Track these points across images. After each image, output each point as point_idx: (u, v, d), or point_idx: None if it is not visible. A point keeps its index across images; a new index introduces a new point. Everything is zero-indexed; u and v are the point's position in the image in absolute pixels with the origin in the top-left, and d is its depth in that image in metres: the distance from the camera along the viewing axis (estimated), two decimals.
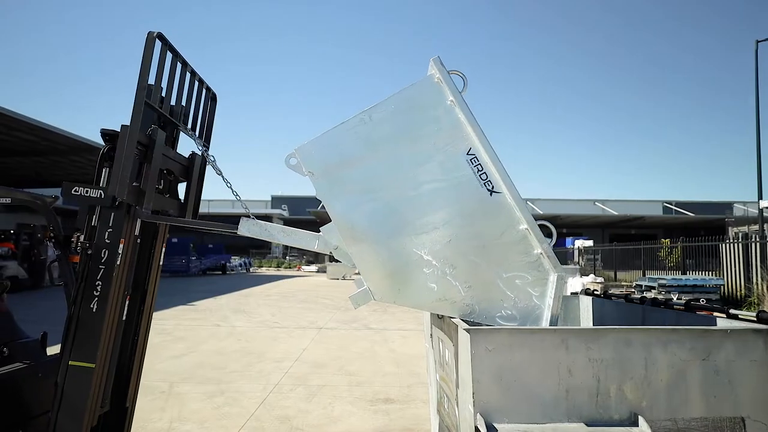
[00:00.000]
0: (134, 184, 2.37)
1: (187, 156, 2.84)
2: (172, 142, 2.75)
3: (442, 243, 2.30)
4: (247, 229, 2.44)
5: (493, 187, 2.29)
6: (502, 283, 2.28)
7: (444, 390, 2.57)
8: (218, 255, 29.85)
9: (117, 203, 2.28)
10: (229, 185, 2.67)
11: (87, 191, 2.25)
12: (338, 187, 2.35)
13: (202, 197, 2.96)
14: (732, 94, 75.99)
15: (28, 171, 21.41)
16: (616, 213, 38.85)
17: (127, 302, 2.54)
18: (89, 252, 2.30)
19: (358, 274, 2.41)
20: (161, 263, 2.83)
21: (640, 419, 1.87)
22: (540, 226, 2.33)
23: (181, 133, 2.81)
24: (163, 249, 2.84)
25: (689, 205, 40.99)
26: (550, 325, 2.25)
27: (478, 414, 1.85)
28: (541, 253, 2.27)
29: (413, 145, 2.34)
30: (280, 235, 2.46)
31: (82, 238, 2.33)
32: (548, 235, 2.35)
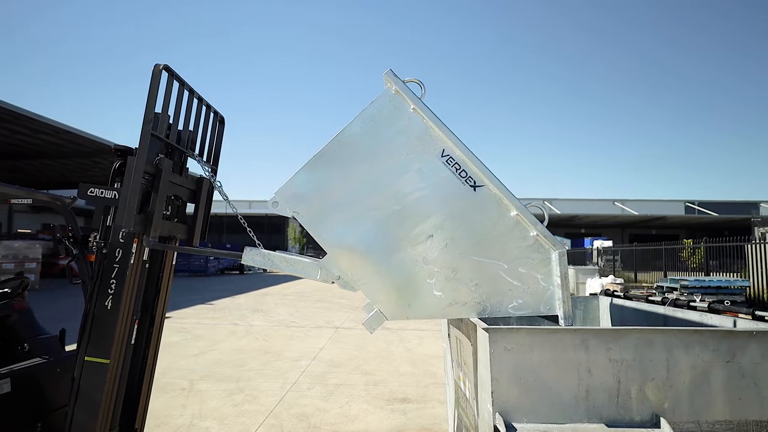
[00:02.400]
0: (143, 211, 2.40)
1: (194, 180, 2.86)
2: (180, 167, 2.76)
3: (438, 249, 2.30)
4: (250, 258, 2.46)
5: (475, 182, 2.29)
6: (506, 274, 2.28)
7: (462, 389, 2.57)
8: None
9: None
10: (234, 210, 2.70)
11: (102, 192, 2.30)
12: (325, 219, 2.36)
13: (217, 198, 3.00)
14: (759, 90, 74.05)
15: (54, 173, 21.99)
16: (636, 213, 38.16)
17: (135, 326, 2.59)
18: (104, 251, 2.37)
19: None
20: (169, 286, 2.87)
21: (662, 421, 1.85)
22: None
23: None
24: (171, 273, 2.87)
25: (713, 205, 40.01)
26: (567, 326, 2.24)
27: (497, 413, 1.85)
28: (537, 235, 2.26)
29: (387, 159, 2.34)
30: (282, 264, 2.47)
31: (98, 237, 2.40)
32: (541, 218, 2.33)
